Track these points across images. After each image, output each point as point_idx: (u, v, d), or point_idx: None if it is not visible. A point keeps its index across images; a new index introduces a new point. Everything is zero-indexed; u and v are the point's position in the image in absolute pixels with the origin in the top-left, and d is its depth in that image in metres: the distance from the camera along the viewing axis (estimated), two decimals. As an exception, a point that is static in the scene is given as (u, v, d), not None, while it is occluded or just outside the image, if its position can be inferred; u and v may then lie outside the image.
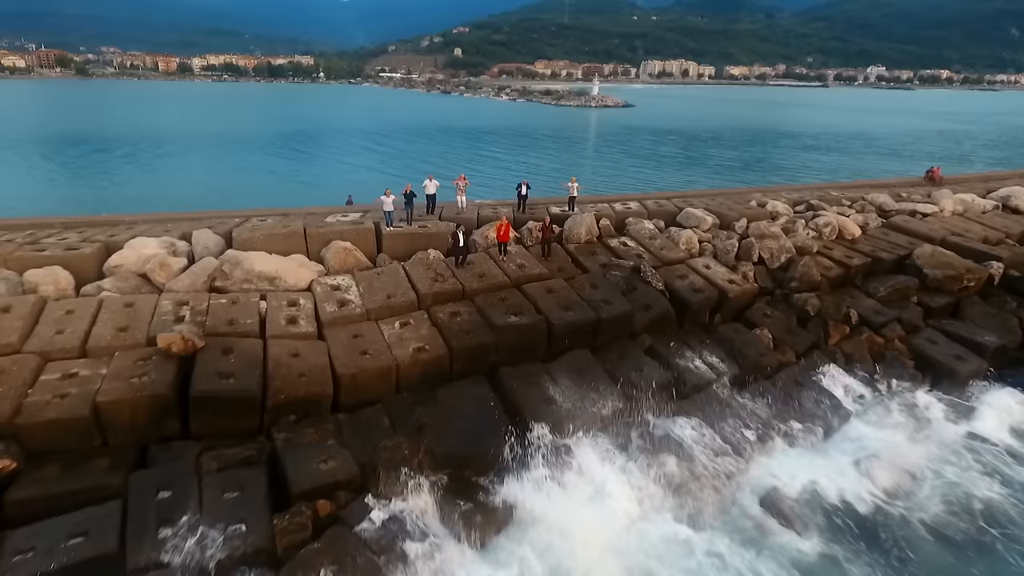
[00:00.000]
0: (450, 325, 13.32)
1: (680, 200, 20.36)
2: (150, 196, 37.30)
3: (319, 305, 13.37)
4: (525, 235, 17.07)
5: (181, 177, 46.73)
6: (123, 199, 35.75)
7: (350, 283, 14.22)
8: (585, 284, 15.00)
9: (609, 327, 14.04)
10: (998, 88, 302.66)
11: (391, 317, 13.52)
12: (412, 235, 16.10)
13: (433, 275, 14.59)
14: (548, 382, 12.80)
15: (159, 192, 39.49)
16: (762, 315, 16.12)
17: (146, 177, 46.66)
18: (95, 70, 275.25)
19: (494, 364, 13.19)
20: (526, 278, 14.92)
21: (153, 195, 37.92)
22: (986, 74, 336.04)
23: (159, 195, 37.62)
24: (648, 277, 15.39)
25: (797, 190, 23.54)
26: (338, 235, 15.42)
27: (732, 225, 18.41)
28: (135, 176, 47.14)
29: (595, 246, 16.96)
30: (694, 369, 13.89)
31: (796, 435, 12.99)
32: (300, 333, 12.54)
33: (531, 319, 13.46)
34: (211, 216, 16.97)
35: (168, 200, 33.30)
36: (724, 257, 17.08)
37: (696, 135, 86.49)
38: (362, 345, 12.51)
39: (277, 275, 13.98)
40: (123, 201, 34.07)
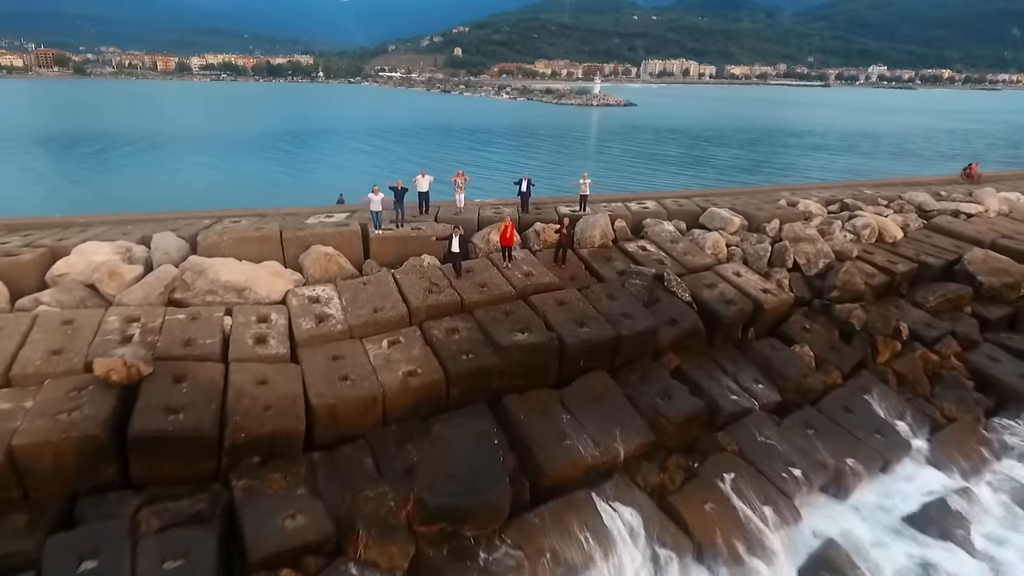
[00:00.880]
0: (446, 344, 11.44)
1: (701, 199, 18.49)
2: (120, 195, 35.32)
3: (294, 321, 11.49)
4: (531, 238, 15.19)
5: (159, 176, 44.58)
6: (88, 199, 33.72)
7: (331, 294, 12.34)
8: (601, 295, 13.11)
9: (630, 345, 12.16)
10: (1000, 88, 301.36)
11: (378, 334, 11.64)
12: (403, 238, 14.22)
13: (427, 285, 12.72)
14: (561, 412, 10.92)
15: (129, 192, 37.46)
16: (800, 329, 14.24)
17: (116, 176, 44.46)
18: (93, 69, 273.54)
19: (497, 390, 11.31)
20: (534, 288, 13.04)
21: (123, 194, 35.93)
22: (988, 73, 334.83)
23: (129, 195, 35.66)
24: (673, 286, 13.51)
25: (827, 188, 21.66)
26: (319, 239, 13.54)
27: (762, 227, 16.53)
28: (103, 175, 44.94)
29: (611, 251, 15.08)
30: (729, 395, 12.01)
31: (848, 475, 11.09)
32: (269, 355, 10.65)
33: (540, 337, 11.58)
34: (179, 217, 15.09)
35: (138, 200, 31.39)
36: (755, 263, 15.20)
37: (700, 134, 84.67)
38: (343, 369, 10.64)
39: (246, 285, 12.10)
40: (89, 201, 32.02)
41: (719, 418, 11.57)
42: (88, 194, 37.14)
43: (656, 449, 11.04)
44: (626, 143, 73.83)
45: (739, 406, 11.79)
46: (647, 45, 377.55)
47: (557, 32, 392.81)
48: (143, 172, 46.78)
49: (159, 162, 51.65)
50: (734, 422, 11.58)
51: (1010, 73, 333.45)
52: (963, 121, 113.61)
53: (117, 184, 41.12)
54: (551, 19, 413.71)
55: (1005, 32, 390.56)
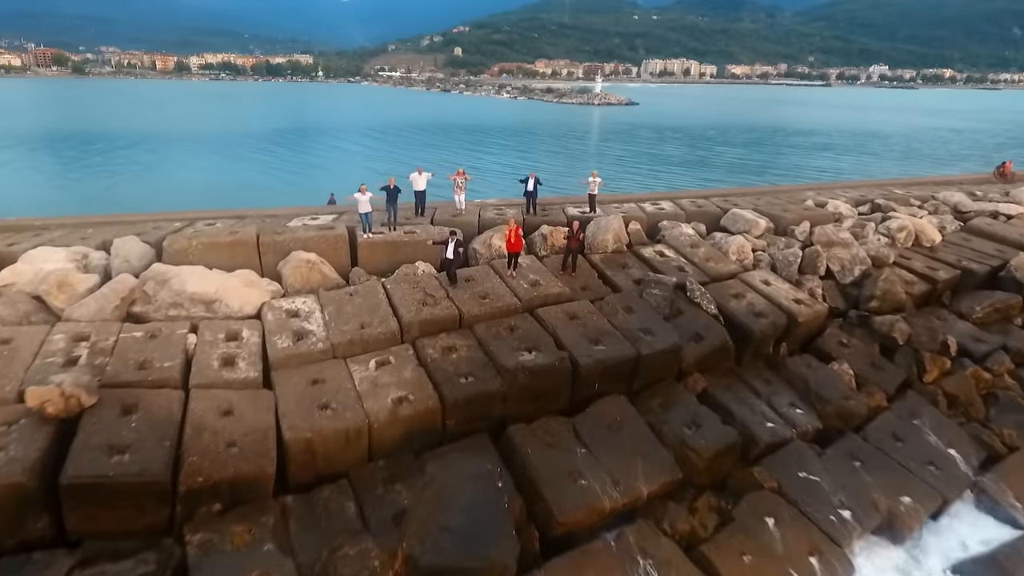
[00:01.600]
0: (442, 365, 10.02)
1: (720, 199, 17.07)
2: (98, 196, 33.85)
3: (268, 338, 10.07)
4: (538, 242, 13.77)
5: (140, 175, 42.95)
6: (65, 200, 32.21)
7: (312, 307, 10.92)
8: (617, 307, 11.68)
9: (651, 365, 10.74)
10: (1001, 87, 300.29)
11: (364, 354, 10.22)
12: (395, 243, 12.78)
13: (421, 296, 11.29)
14: (574, 444, 9.49)
15: (108, 192, 35.94)
16: (837, 344, 12.82)
17: (97, 175, 42.83)
18: (92, 69, 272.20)
19: (501, 418, 9.89)
20: (541, 300, 11.62)
21: (101, 194, 34.44)
22: (989, 73, 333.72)
23: (108, 195, 34.17)
24: (696, 297, 12.09)
25: (854, 187, 20.23)
26: (300, 244, 12.11)
27: (790, 230, 15.11)
28: (84, 174, 43.29)
29: (625, 256, 13.65)
30: (763, 422, 10.58)
31: (903, 516, 9.66)
32: (237, 380, 9.22)
33: (550, 357, 10.15)
34: (148, 219, 13.66)
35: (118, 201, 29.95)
36: (785, 270, 13.77)
37: (704, 133, 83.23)
38: (323, 395, 9.22)
39: (216, 297, 10.68)
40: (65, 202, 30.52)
41: (754, 449, 10.15)
42: (65, 195, 35.67)
43: (683, 487, 9.64)
44: (629, 142, 72.40)
45: (776, 435, 10.36)
46: (647, 45, 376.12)
47: (557, 32, 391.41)
48: (125, 171, 45.27)
49: (141, 161, 50.10)
50: (771, 454, 10.17)
51: (1011, 73, 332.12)
52: (969, 120, 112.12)
53: (97, 184, 39.64)
54: (551, 19, 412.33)
55: (1006, 32, 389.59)
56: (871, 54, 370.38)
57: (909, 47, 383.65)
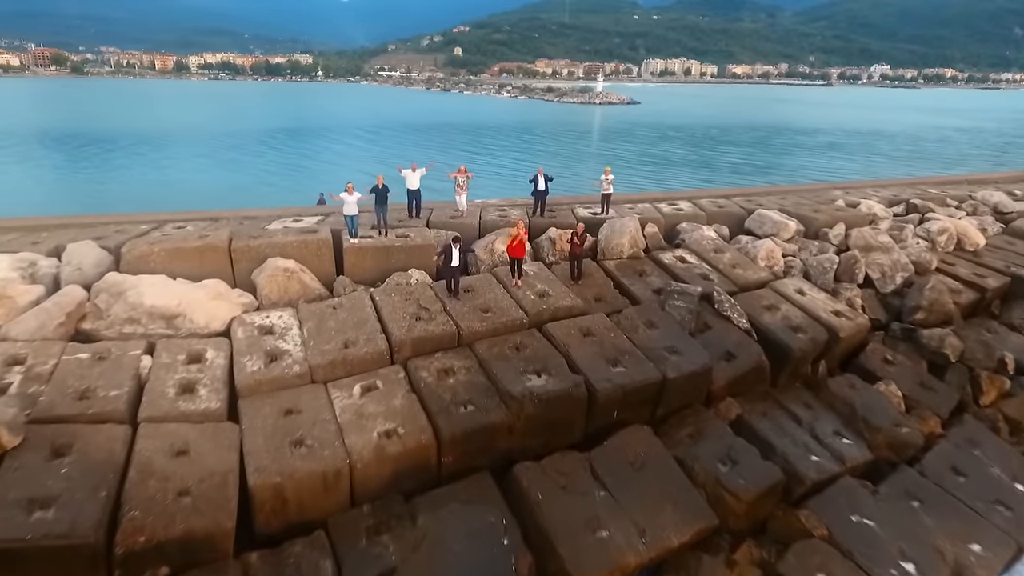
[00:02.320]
0: (438, 392, 8.65)
1: (742, 199, 15.71)
2: (81, 195, 32.42)
3: (236, 360, 8.70)
4: (545, 247, 12.40)
5: (124, 175, 41.45)
6: (46, 200, 30.80)
7: (289, 322, 9.55)
8: (637, 321, 10.31)
9: (678, 390, 9.37)
10: (1003, 87, 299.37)
11: (348, 377, 8.86)
12: (386, 249, 11.41)
13: (414, 310, 9.92)
14: (592, 485, 8.13)
15: (92, 192, 34.51)
16: (882, 361, 11.46)
17: (80, 175, 41.40)
18: (91, 69, 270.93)
19: (506, 453, 8.54)
20: (551, 313, 10.25)
21: (84, 194, 33.02)
22: (991, 73, 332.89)
23: (91, 195, 32.75)
24: (725, 309, 10.72)
25: (884, 186, 18.86)
26: (278, 249, 10.74)
27: (823, 233, 13.74)
28: (67, 173, 41.82)
29: (643, 263, 12.28)
30: (808, 455, 9.21)
31: (974, 568, 8.28)
32: (196, 411, 7.86)
33: (563, 382, 8.78)
34: (111, 222, 12.28)
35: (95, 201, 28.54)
36: (820, 278, 12.41)
37: (707, 132, 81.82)
38: (297, 429, 7.85)
39: (179, 311, 9.32)
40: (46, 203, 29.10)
41: (799, 488, 8.78)
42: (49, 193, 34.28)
43: (717, 532, 8.28)
44: (632, 142, 71.02)
45: (823, 471, 9.00)
46: (648, 44, 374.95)
47: (557, 31, 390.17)
48: (113, 170, 43.85)
49: (123, 160, 48.63)
50: (817, 493, 8.81)
51: (1013, 72, 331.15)
52: (974, 119, 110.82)
53: (81, 183, 38.21)
54: (551, 18, 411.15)
55: (1007, 31, 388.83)
56: (872, 54, 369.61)
57: (910, 47, 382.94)
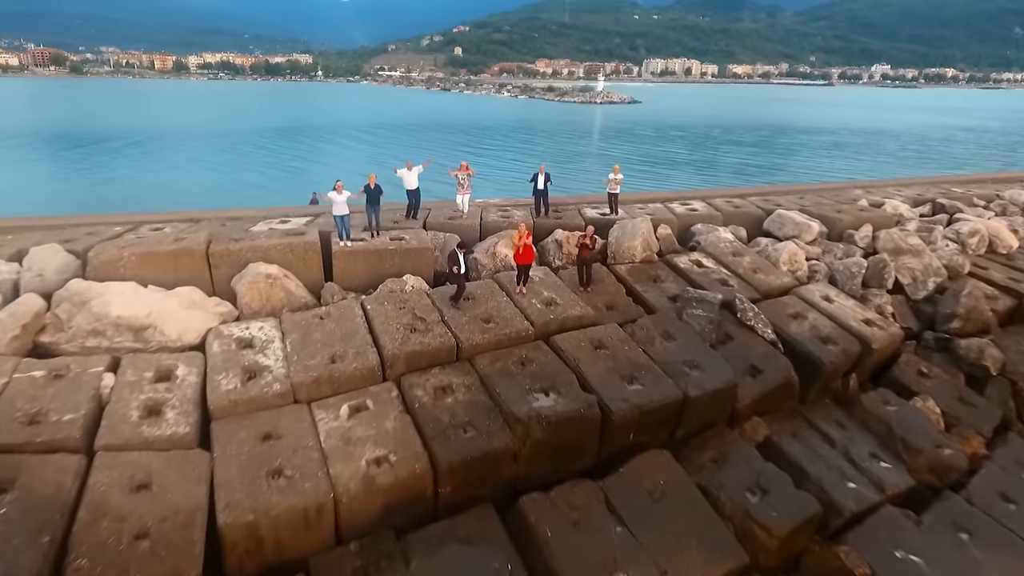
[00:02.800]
0: (435, 413, 7.77)
1: (758, 198, 14.83)
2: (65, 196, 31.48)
3: (210, 377, 7.82)
4: (551, 250, 11.53)
5: (104, 175, 40.48)
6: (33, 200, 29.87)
7: (271, 334, 8.66)
8: (653, 332, 9.43)
9: (700, 409, 8.48)
10: (1004, 87, 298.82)
11: (335, 396, 7.98)
12: (378, 253, 10.51)
13: (409, 320, 9.04)
14: (608, 520, 7.24)
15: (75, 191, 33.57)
16: (916, 374, 10.58)
17: (69, 174, 40.50)
18: (90, 68, 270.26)
19: (510, 482, 7.66)
20: (559, 323, 9.36)
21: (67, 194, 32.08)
22: (991, 73, 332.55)
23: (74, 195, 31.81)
24: (749, 318, 9.84)
25: (905, 185, 17.98)
26: (260, 253, 9.85)
27: (848, 235, 12.85)
28: (55, 172, 40.90)
29: (656, 267, 11.40)
30: (844, 481, 8.32)
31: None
32: (162, 437, 6.98)
33: (574, 402, 7.90)
34: (82, 223, 11.39)
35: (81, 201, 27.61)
36: (847, 283, 11.53)
37: (709, 132, 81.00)
38: (275, 457, 6.97)
39: (148, 322, 8.44)
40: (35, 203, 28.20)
41: (836, 520, 7.90)
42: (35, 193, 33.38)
43: (747, 572, 7.40)
44: (634, 141, 70.17)
45: (861, 500, 8.11)
46: (648, 44, 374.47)
47: (558, 31, 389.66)
48: (101, 170, 42.93)
49: (114, 160, 47.69)
50: (856, 524, 7.93)
51: (1013, 72, 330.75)
52: (977, 119, 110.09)
53: (68, 182, 37.29)
54: (551, 18, 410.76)
55: (1007, 31, 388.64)
56: (872, 54, 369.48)
57: (911, 47, 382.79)
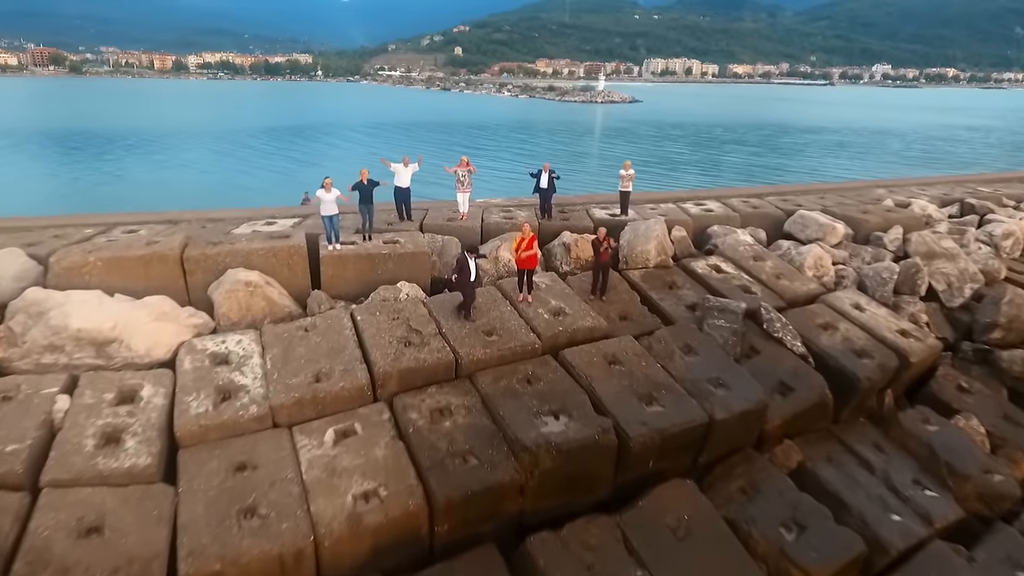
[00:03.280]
0: (431, 439, 6.91)
1: (776, 198, 13.98)
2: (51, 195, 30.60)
3: (179, 398, 6.97)
4: (558, 254, 10.68)
5: (89, 174, 39.44)
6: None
7: (250, 348, 7.81)
8: (672, 346, 8.57)
9: (727, 433, 7.63)
10: (1005, 87, 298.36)
11: (320, 419, 7.13)
12: (370, 257, 9.65)
13: (404, 332, 8.19)
14: (627, 564, 6.38)
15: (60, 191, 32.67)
16: (955, 389, 9.73)
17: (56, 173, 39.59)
18: (89, 68, 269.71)
19: (516, 518, 6.81)
20: (568, 336, 8.50)
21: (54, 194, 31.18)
22: (993, 72, 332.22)
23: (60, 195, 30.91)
24: (776, 330, 8.99)
25: (929, 184, 17.11)
26: (241, 258, 9.00)
27: (877, 238, 11.99)
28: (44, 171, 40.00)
29: (672, 272, 10.54)
30: (887, 514, 7.47)
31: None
32: (119, 471, 6.13)
33: (587, 427, 7.04)
34: (50, 225, 10.53)
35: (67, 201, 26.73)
36: (878, 289, 10.68)
37: (711, 131, 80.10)
38: (249, 491, 6.12)
39: (113, 336, 7.59)
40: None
41: (881, 559, 7.04)
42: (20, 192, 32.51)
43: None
44: (636, 141, 69.33)
45: (909, 535, 7.25)
46: (648, 44, 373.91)
47: (558, 31, 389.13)
48: (89, 169, 41.99)
49: (102, 159, 46.72)
50: (903, 563, 7.08)
51: (1015, 72, 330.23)
52: (981, 118, 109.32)
53: (55, 181, 36.38)
54: (552, 18, 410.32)
55: (1008, 31, 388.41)
56: (873, 53, 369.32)
57: (911, 46, 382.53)
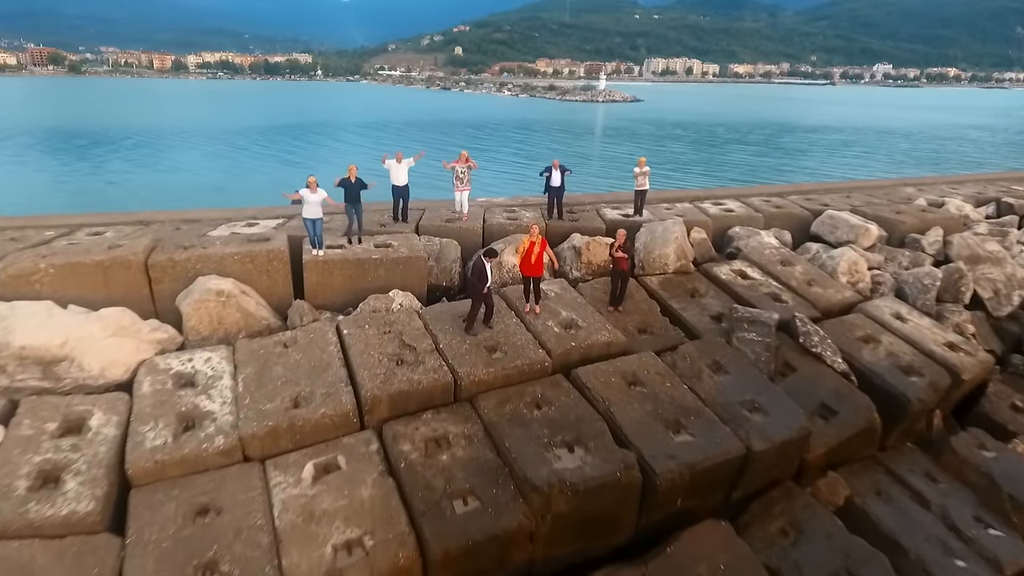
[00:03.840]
0: (425, 476, 5.94)
1: (799, 197, 13.01)
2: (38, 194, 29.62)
3: (133, 428, 6.00)
4: (569, 258, 9.71)
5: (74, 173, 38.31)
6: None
7: (220, 368, 6.85)
8: (699, 363, 7.60)
9: (765, 465, 6.66)
10: (1007, 86, 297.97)
11: (297, 451, 6.16)
12: (359, 263, 8.68)
13: (396, 348, 7.22)
14: (655, 625, 5.43)
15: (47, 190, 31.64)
16: (1010, 409, 8.76)
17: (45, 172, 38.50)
18: (88, 68, 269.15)
19: (526, 571, 5.83)
20: (582, 352, 7.53)
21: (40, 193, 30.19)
22: (994, 72, 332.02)
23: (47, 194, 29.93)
24: (814, 343, 8.02)
25: (958, 182, 16.16)
26: (213, 264, 8.03)
27: (914, 240, 11.02)
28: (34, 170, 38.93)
29: (693, 279, 9.58)
30: (949, 558, 6.51)
31: None
32: (55, 519, 5.16)
33: (608, 462, 6.06)
34: (8, 226, 9.51)
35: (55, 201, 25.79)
36: (919, 297, 9.71)
37: (713, 131, 79.19)
38: (211, 542, 5.15)
39: (63, 353, 6.63)
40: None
41: (948, 615, 6.09)
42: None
43: None
44: (638, 140, 68.38)
45: (976, 584, 6.31)
46: (649, 44, 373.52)
47: (558, 31, 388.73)
48: (82, 167, 40.94)
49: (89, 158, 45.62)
50: (972, 619, 6.12)
51: (1016, 72, 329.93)
52: (986, 117, 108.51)
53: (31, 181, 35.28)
54: (552, 18, 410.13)
55: (1009, 31, 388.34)
56: (874, 53, 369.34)
57: (912, 46, 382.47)
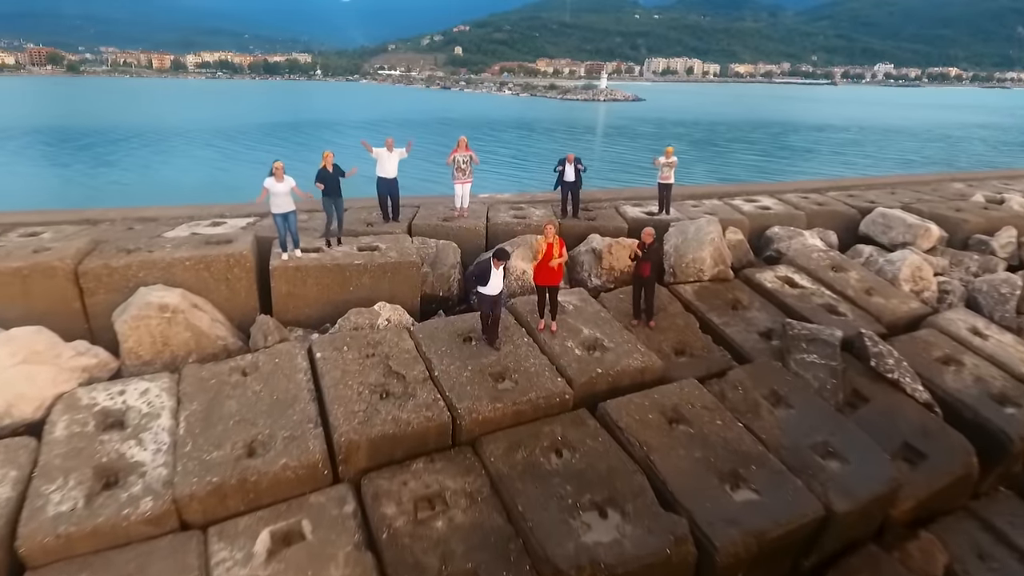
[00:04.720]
0: (414, 552, 4.53)
1: (840, 193, 11.63)
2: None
3: (34, 487, 4.60)
4: (587, 263, 8.31)
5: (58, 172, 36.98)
6: None
7: (159, 403, 5.45)
8: (753, 393, 6.20)
9: (846, 527, 5.26)
10: (1008, 86, 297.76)
11: (249, 514, 4.76)
12: (339, 269, 7.26)
13: (380, 377, 5.80)
14: None
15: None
16: (1113, 443, 7.37)
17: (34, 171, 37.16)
18: (87, 68, 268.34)
19: (545, 677, 4.44)
20: (610, 381, 6.11)
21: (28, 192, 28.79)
22: (995, 72, 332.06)
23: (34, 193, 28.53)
24: (888, 367, 6.62)
25: (1012, 177, 14.77)
26: (160, 271, 6.62)
27: (980, 242, 9.63)
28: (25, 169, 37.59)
29: (733, 287, 8.18)
30: (1084, 646, 5.13)
31: None
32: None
33: (651, 534, 4.65)
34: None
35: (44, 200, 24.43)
36: (994, 309, 8.32)
37: (716, 129, 77.91)
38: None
39: (-43, 387, 5.24)
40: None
41: None
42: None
43: None
44: (640, 139, 67.10)
45: None
46: (649, 44, 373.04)
47: (558, 31, 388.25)
48: (77, 167, 39.57)
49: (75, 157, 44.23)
50: None
51: (1017, 71, 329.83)
52: (990, 116, 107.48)
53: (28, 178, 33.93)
54: (552, 18, 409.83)
55: (1010, 31, 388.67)
56: (874, 53, 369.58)
57: (913, 46, 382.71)
